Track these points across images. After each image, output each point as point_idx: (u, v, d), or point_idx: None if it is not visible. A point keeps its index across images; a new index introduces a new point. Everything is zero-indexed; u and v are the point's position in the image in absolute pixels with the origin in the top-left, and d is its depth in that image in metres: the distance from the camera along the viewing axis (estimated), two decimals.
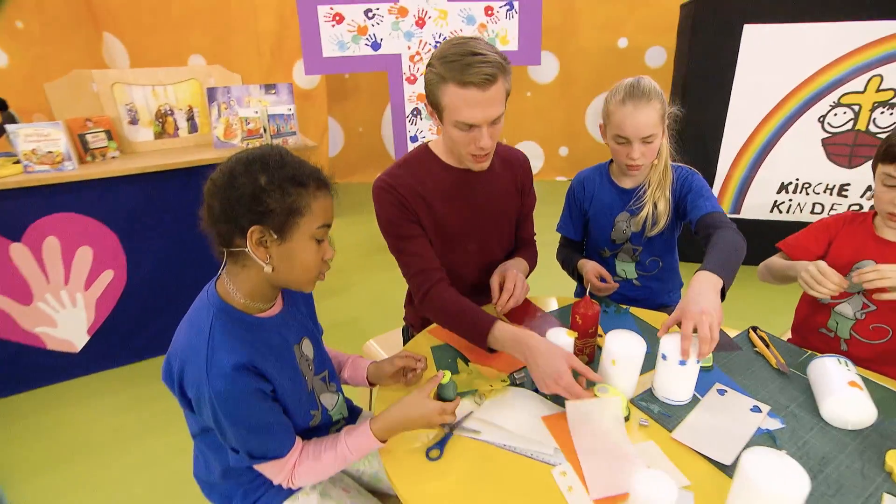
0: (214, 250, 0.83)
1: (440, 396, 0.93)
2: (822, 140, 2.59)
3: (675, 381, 0.95)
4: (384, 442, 0.89)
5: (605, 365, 0.97)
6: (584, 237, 1.49)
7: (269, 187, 0.76)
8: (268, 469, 0.86)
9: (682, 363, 0.92)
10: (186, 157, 2.10)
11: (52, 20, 3.31)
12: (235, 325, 0.82)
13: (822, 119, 2.56)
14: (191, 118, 2.38)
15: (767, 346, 1.10)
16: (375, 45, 2.81)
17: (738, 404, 0.95)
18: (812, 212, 2.72)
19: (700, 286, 0.95)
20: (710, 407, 0.95)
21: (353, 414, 1.13)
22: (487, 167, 1.19)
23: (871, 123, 2.50)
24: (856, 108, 2.50)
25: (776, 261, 1.23)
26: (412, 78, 2.92)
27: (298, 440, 0.89)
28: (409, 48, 2.84)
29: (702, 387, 0.99)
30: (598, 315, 1.05)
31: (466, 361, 1.12)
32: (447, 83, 1.02)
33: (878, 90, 2.44)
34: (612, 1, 4.00)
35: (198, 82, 2.33)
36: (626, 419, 0.92)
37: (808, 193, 2.70)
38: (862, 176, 2.60)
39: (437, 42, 2.85)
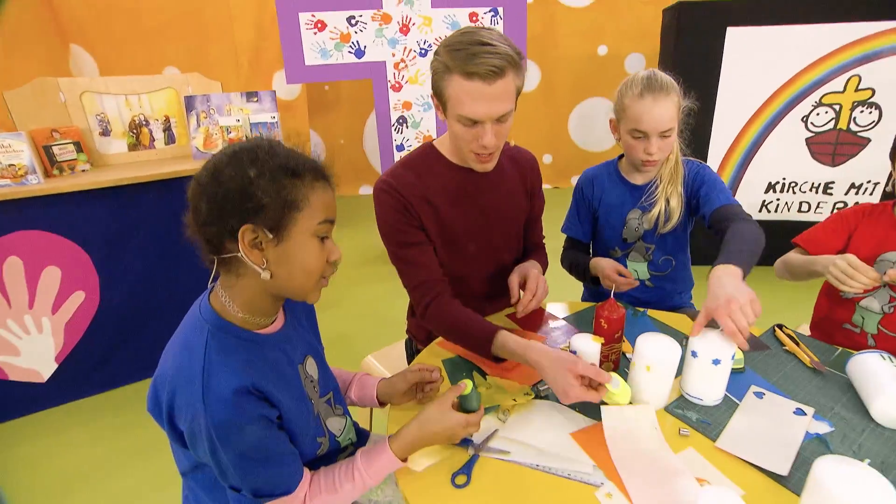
0: (204, 259, 0.73)
1: (463, 408, 0.84)
2: (806, 139, 2.63)
3: (707, 380, 0.89)
4: (405, 461, 0.80)
5: (638, 372, 0.90)
6: (591, 238, 1.43)
7: (258, 179, 0.66)
8: None
9: (716, 362, 0.86)
10: (163, 169, 1.97)
11: (14, 31, 3.14)
12: (234, 343, 0.72)
13: (805, 119, 2.60)
14: (167, 128, 2.25)
15: (797, 344, 1.06)
16: (359, 53, 2.74)
17: (780, 407, 0.89)
18: (799, 210, 2.75)
19: (718, 280, 0.90)
20: (750, 411, 0.89)
21: (360, 437, 1.03)
22: (494, 167, 1.12)
23: (852, 122, 2.55)
24: (836, 107, 2.54)
25: (796, 257, 1.20)
26: (397, 86, 2.86)
27: (307, 472, 0.79)
28: (393, 55, 2.79)
29: (735, 389, 0.94)
30: (623, 318, 0.99)
31: (484, 375, 1.04)
32: (451, 74, 0.95)
33: (856, 90, 2.49)
34: (591, 9, 4.04)
35: (174, 91, 2.21)
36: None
37: (794, 192, 2.73)
38: (845, 174, 2.64)
39: (422, 49, 2.81)
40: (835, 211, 2.70)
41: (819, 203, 2.71)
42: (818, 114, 2.57)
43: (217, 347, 0.69)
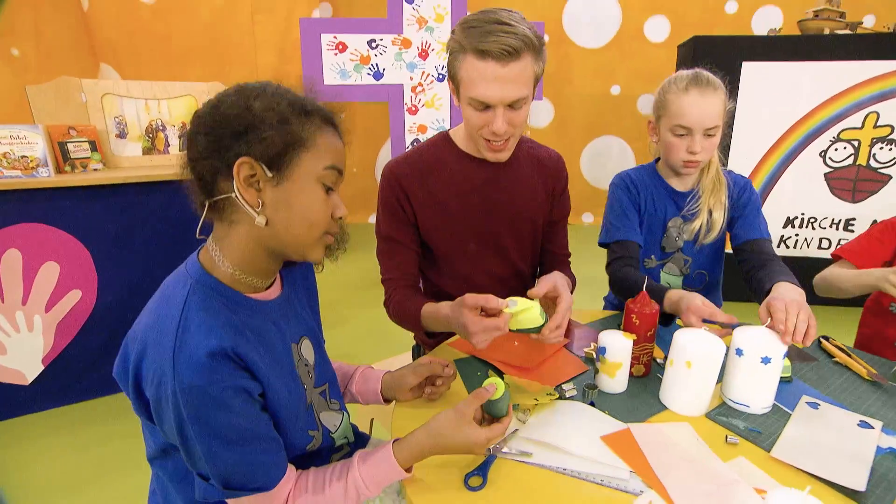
0: (196, 205, 0.65)
1: (489, 413, 0.72)
2: (825, 175, 2.60)
3: (755, 383, 0.80)
4: (409, 471, 0.68)
5: (676, 370, 0.81)
6: None
7: (263, 113, 0.60)
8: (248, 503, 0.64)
9: (766, 360, 0.77)
10: (174, 170, 1.95)
11: (50, 49, 3.25)
12: (219, 302, 0.63)
13: (823, 154, 2.57)
14: (183, 135, 2.26)
15: (849, 356, 0.96)
16: (377, 75, 2.79)
17: (841, 419, 0.79)
18: (819, 247, 2.67)
19: (786, 287, 0.88)
20: (806, 421, 0.78)
21: (358, 441, 0.93)
22: (507, 159, 1.07)
23: (872, 158, 2.52)
24: (855, 143, 2.52)
25: (842, 271, 1.12)
26: (413, 109, 2.89)
27: (291, 468, 0.68)
28: (411, 79, 2.83)
29: (785, 399, 0.84)
30: (657, 315, 0.90)
31: (501, 375, 0.94)
32: (465, 53, 0.92)
33: (875, 126, 2.48)
34: (605, 50, 4.15)
35: (194, 98, 2.23)
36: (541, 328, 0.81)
37: (814, 228, 2.67)
38: (867, 210, 2.59)
39: (440, 74, 2.85)
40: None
41: (840, 240, 2.64)
42: (836, 149, 2.55)
43: (198, 304, 0.61)
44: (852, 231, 2.62)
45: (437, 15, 2.72)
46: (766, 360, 0.77)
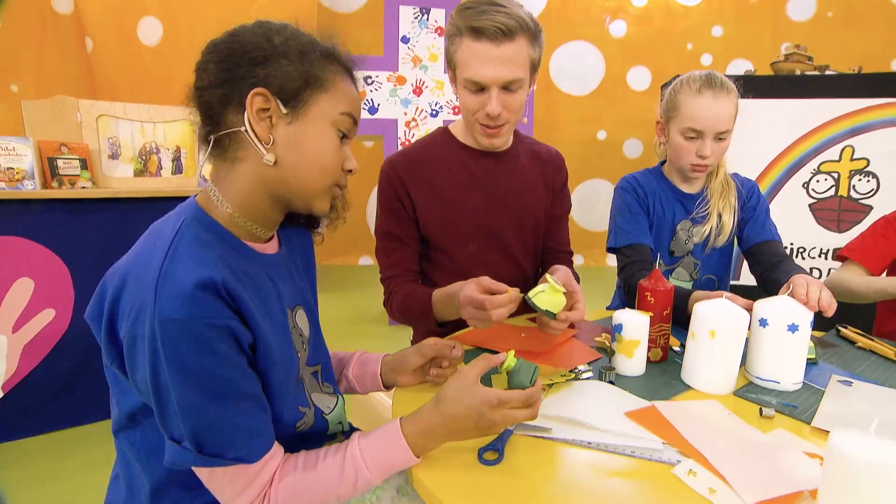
0: (199, 139, 0.62)
1: (512, 386, 0.64)
2: (810, 206, 2.66)
3: (783, 355, 0.75)
4: (418, 457, 0.59)
5: (700, 342, 0.76)
6: None
7: (284, 45, 0.58)
8: (224, 482, 0.55)
9: (793, 328, 0.72)
10: (163, 188, 1.92)
11: (50, 87, 3.30)
12: (213, 239, 0.58)
13: (806, 185, 2.65)
14: (177, 158, 2.24)
15: (871, 340, 0.92)
16: (372, 110, 2.86)
17: (877, 393, 0.74)
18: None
19: (804, 275, 0.86)
20: (842, 396, 0.73)
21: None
22: (504, 146, 1.07)
23: (852, 190, 2.60)
24: (835, 175, 2.61)
25: (855, 277, 1.10)
26: (407, 143, 2.95)
27: (279, 448, 0.59)
28: (405, 114, 2.91)
29: (813, 380, 0.79)
30: (672, 294, 0.86)
31: None
32: (462, 36, 0.94)
33: (851, 159, 2.58)
34: (590, 98, 4.36)
35: (190, 123, 2.24)
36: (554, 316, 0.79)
37: (803, 258, 2.69)
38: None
39: (433, 110, 2.94)
40: None
41: (829, 269, 2.66)
42: (818, 181, 2.63)
43: (191, 237, 0.55)
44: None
45: (431, 54, 2.84)
46: (793, 328, 0.73)
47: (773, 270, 1.06)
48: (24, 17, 3.24)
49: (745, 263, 1.25)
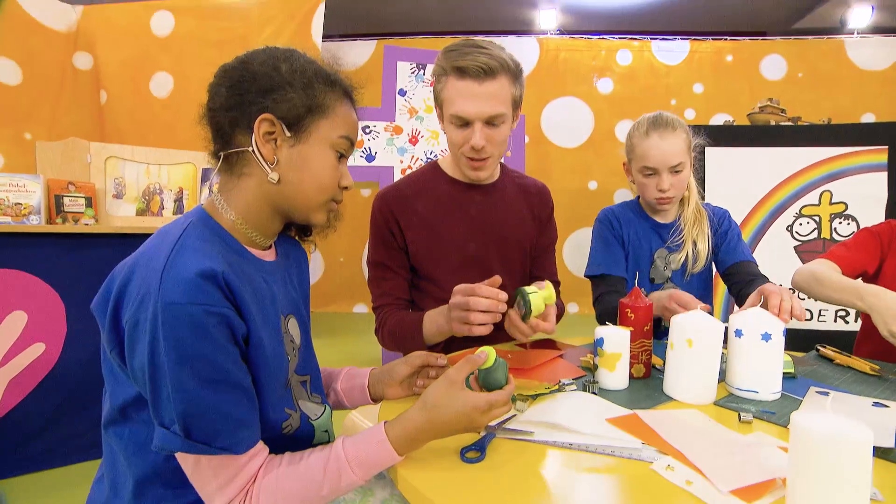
0: (210, 156, 0.68)
1: (487, 385, 0.67)
2: (795, 248, 2.73)
3: (760, 364, 0.77)
4: (402, 456, 0.61)
5: (678, 352, 0.78)
6: None
7: (290, 76, 0.64)
8: (208, 474, 0.56)
9: (766, 337, 0.75)
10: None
11: (62, 133, 3.44)
12: (217, 240, 0.63)
13: (789, 228, 2.73)
14: (179, 199, 2.32)
15: (848, 357, 0.94)
16: (370, 157, 2.99)
17: (854, 402, 0.76)
18: None
19: (774, 287, 0.89)
20: (819, 404, 0.75)
21: None
22: (490, 179, 1.14)
23: (834, 232, 2.68)
24: (816, 218, 2.70)
25: (836, 277, 1.08)
26: None
27: (264, 446, 0.61)
28: (401, 162, 3.03)
29: (792, 391, 0.81)
30: (651, 310, 0.89)
31: None
32: (447, 76, 1.01)
33: (830, 203, 2.68)
34: (581, 150, 4.55)
35: (194, 166, 2.35)
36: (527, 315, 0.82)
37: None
38: None
39: (428, 158, 3.07)
40: (837, 318, 2.66)
41: (820, 311, 2.69)
42: (801, 224, 2.72)
43: (196, 235, 0.60)
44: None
45: (427, 106, 3.01)
46: (766, 337, 0.75)
47: (747, 286, 1.12)
48: (47, 71, 3.44)
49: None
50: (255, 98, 0.63)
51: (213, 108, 0.65)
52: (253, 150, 0.63)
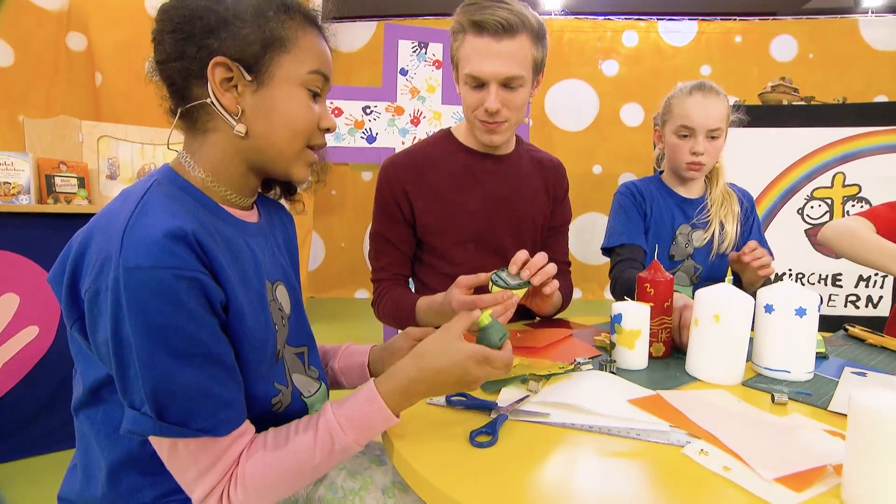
0: (168, 114, 0.59)
1: (482, 343, 0.61)
2: (805, 231, 2.67)
3: (793, 342, 0.71)
4: (398, 416, 0.56)
5: (704, 328, 0.73)
6: None
7: (236, 8, 0.55)
8: (187, 460, 0.50)
9: (801, 312, 0.70)
10: None
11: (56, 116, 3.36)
12: (186, 196, 0.55)
13: (800, 211, 2.67)
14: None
15: (881, 336, 0.89)
16: (370, 139, 2.92)
17: (893, 382, 0.70)
18: None
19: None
20: (857, 385, 0.69)
21: None
22: (503, 145, 1.07)
23: (846, 216, 2.61)
24: (828, 201, 2.63)
25: (872, 237, 1.03)
26: None
27: (250, 426, 0.54)
28: (402, 143, 2.96)
29: (826, 372, 0.75)
30: (672, 285, 0.84)
31: None
32: (464, 33, 0.95)
33: (843, 185, 2.61)
34: (585, 133, 4.47)
35: None
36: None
37: (803, 284, 2.66)
38: (851, 265, 2.60)
39: None
40: (847, 303, 2.62)
41: (830, 295, 2.64)
42: (812, 207, 2.65)
43: (162, 192, 0.53)
44: (840, 286, 2.63)
45: (429, 86, 2.93)
46: (800, 312, 0.70)
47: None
48: (40, 52, 3.35)
49: None
50: (202, 40, 0.54)
51: (161, 60, 0.56)
52: (212, 102, 0.55)
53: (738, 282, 1.16)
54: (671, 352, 0.85)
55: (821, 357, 0.81)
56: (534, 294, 0.84)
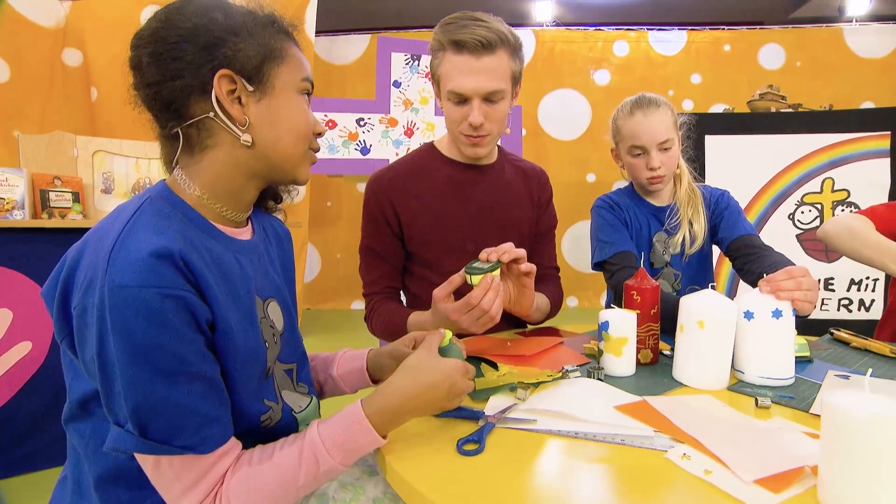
0: (161, 141, 0.60)
1: None
2: (797, 236, 2.69)
3: (773, 345, 0.72)
4: (385, 438, 0.57)
5: (689, 334, 0.74)
6: None
7: (231, 26, 0.57)
8: (170, 476, 0.50)
9: (777, 313, 0.71)
10: None
11: (52, 131, 3.38)
12: (177, 213, 0.56)
13: (791, 216, 2.69)
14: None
15: (866, 340, 0.90)
16: (364, 150, 2.94)
17: (877, 384, 0.72)
18: None
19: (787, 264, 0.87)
20: (840, 388, 0.71)
21: None
22: (487, 158, 1.10)
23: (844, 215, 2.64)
24: (818, 206, 2.66)
25: (872, 233, 1.04)
26: None
27: (236, 443, 0.55)
28: (396, 154, 2.99)
29: (810, 376, 0.76)
30: (658, 292, 0.85)
31: (495, 366, 0.85)
32: (444, 51, 0.97)
33: (833, 190, 2.65)
34: (578, 142, 4.51)
35: None
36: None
37: None
38: (842, 269, 2.64)
39: None
40: (840, 307, 2.63)
41: (823, 299, 2.66)
42: (802, 212, 2.68)
43: (153, 211, 0.54)
44: (833, 290, 2.65)
45: (422, 97, 2.96)
46: (777, 314, 0.71)
47: (753, 262, 1.09)
48: (35, 68, 3.37)
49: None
50: (202, 57, 0.55)
51: (151, 82, 0.56)
52: (216, 116, 0.56)
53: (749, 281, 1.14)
54: (658, 358, 0.86)
55: (805, 361, 0.82)
56: (517, 294, 0.88)
